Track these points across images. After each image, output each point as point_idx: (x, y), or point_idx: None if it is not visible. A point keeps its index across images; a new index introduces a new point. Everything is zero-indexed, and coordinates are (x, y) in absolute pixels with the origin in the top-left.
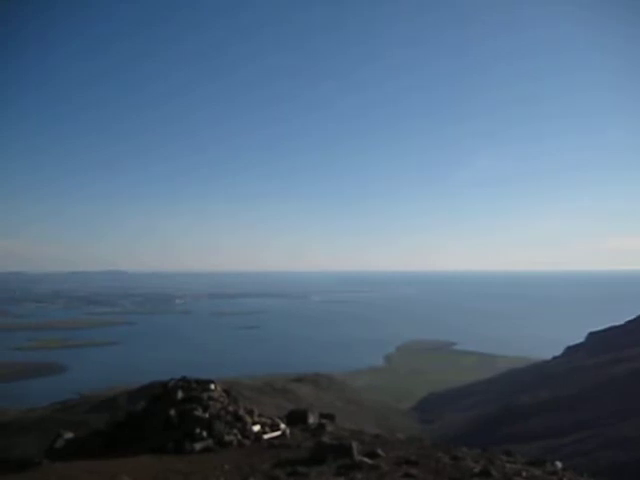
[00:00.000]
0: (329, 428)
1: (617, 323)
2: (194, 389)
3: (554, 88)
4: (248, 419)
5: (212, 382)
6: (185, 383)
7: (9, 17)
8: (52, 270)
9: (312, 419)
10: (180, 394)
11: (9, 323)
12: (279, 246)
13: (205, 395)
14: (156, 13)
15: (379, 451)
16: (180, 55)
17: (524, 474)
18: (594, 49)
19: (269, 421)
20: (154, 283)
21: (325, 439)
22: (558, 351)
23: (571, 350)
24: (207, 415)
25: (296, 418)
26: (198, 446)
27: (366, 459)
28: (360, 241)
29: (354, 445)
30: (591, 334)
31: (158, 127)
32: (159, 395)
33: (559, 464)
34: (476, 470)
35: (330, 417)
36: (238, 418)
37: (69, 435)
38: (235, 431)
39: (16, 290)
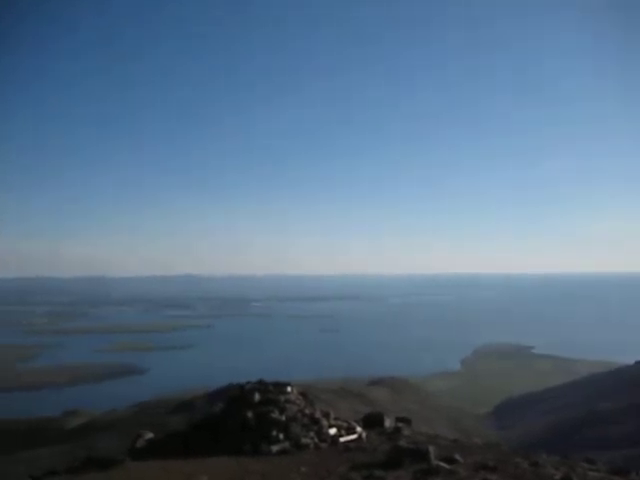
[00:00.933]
0: (405, 432)
1: None
2: (271, 392)
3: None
4: (324, 422)
5: (289, 385)
6: (262, 386)
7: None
8: (131, 275)
9: (388, 423)
10: (257, 397)
11: (90, 326)
12: (356, 249)
13: (282, 398)
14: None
15: (457, 456)
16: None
17: None
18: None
19: (345, 424)
20: (231, 286)
21: (402, 443)
22: None
23: None
24: (284, 418)
25: (372, 421)
26: (275, 448)
27: (443, 464)
28: (438, 244)
29: (431, 449)
30: None
31: (235, 133)
32: (236, 397)
33: None
34: (557, 477)
35: (406, 421)
36: (315, 421)
37: (149, 436)
38: (311, 434)
39: (96, 294)
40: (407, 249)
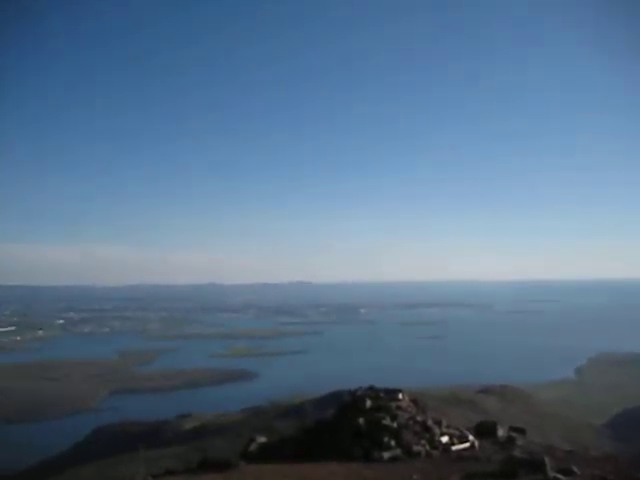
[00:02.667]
0: (519, 442)
1: None
2: (382, 398)
3: None
4: (436, 430)
5: (400, 391)
6: (373, 392)
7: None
8: (244, 282)
9: (501, 432)
10: (368, 403)
11: (204, 332)
12: (460, 256)
13: (393, 404)
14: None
15: (574, 468)
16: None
17: None
18: None
19: (457, 432)
20: (340, 294)
21: (516, 453)
22: None
23: None
24: (395, 424)
25: (485, 430)
26: (386, 455)
27: (560, 476)
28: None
29: (547, 460)
30: None
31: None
32: (348, 404)
33: None
34: None
35: (520, 430)
36: (426, 428)
37: (262, 439)
38: (423, 441)
39: (209, 301)
40: (504, 255)
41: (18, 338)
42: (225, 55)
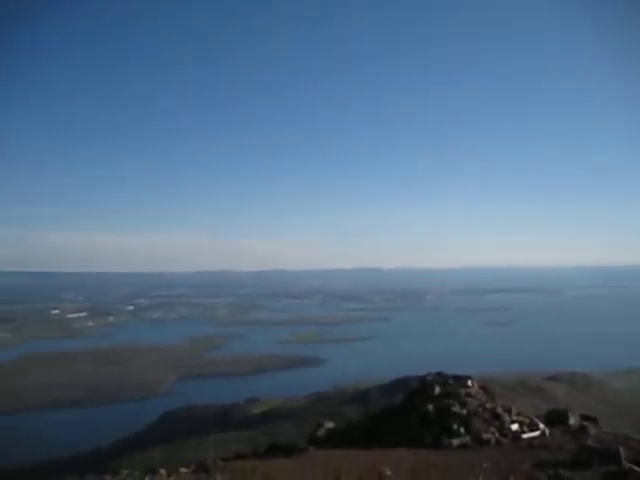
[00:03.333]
0: (592, 431)
1: None
2: (451, 385)
3: None
4: (506, 417)
5: (469, 378)
6: (442, 378)
7: None
8: (310, 268)
9: (573, 420)
10: (437, 389)
11: (271, 318)
12: (523, 241)
13: (462, 391)
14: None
15: None
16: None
17: None
18: None
19: (527, 420)
20: (406, 279)
21: (589, 442)
22: None
23: None
24: (464, 411)
25: (555, 418)
26: (455, 442)
27: (635, 467)
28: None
29: (621, 451)
30: None
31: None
32: (416, 390)
33: None
34: None
35: (592, 419)
36: (496, 416)
37: (330, 425)
38: (492, 429)
39: (276, 287)
40: (569, 239)
41: (90, 324)
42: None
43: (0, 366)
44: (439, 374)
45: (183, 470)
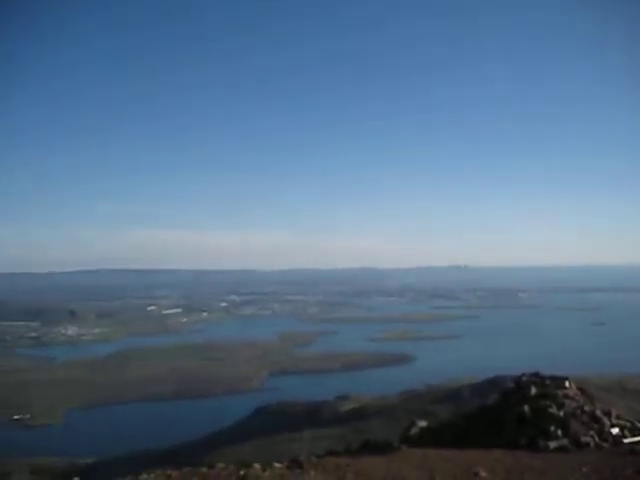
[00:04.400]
0: None
1: None
2: (548, 385)
3: None
4: (606, 420)
5: (566, 379)
6: (538, 379)
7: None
8: (399, 266)
9: None
10: (533, 390)
11: (361, 315)
12: (621, 239)
13: (560, 392)
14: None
15: None
16: None
17: None
18: None
19: (628, 424)
20: (498, 277)
21: None
22: None
23: None
24: (562, 413)
25: None
26: (553, 445)
27: None
28: None
29: None
30: None
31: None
32: (511, 390)
33: None
34: None
35: None
36: (595, 419)
37: (423, 424)
38: (592, 432)
39: (367, 284)
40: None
41: (184, 320)
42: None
43: (100, 360)
44: (535, 374)
45: (277, 465)
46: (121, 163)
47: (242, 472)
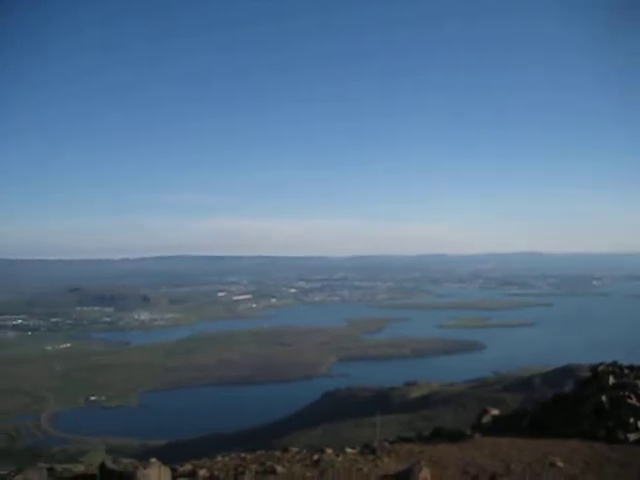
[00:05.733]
0: None
1: None
2: (626, 375)
3: None
4: None
5: None
6: (616, 368)
7: None
8: (469, 252)
9: None
10: (611, 380)
11: (431, 302)
12: None
13: (639, 383)
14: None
15: None
16: None
17: None
18: None
19: None
20: (571, 265)
21: None
22: None
23: None
24: None
25: None
26: (632, 436)
27: None
28: None
29: None
30: None
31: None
32: (588, 379)
33: None
34: None
35: None
36: None
37: (495, 412)
38: None
39: (438, 271)
40: None
41: (253, 306)
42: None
43: (172, 345)
44: (613, 363)
45: (349, 450)
46: (196, 156)
47: (315, 457)
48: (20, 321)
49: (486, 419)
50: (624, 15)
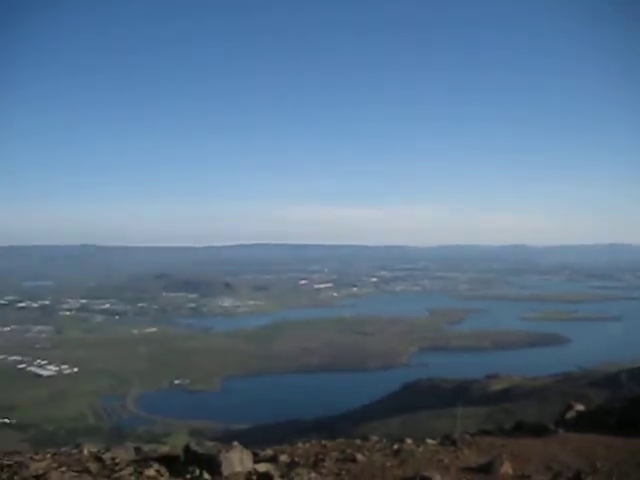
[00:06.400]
0: None
1: None
2: None
3: None
4: None
5: None
6: None
7: None
8: (554, 243)
9: None
10: None
11: (514, 294)
12: None
13: None
14: None
15: None
16: None
17: None
18: None
19: None
20: None
21: None
22: None
23: None
24: None
25: None
26: None
27: None
28: None
29: None
30: None
31: None
32: None
33: None
34: None
35: None
36: None
37: (580, 407)
38: None
39: (519, 262)
40: None
41: (335, 294)
42: None
43: (254, 331)
44: None
45: (430, 441)
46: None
47: (396, 446)
48: (108, 305)
49: (570, 414)
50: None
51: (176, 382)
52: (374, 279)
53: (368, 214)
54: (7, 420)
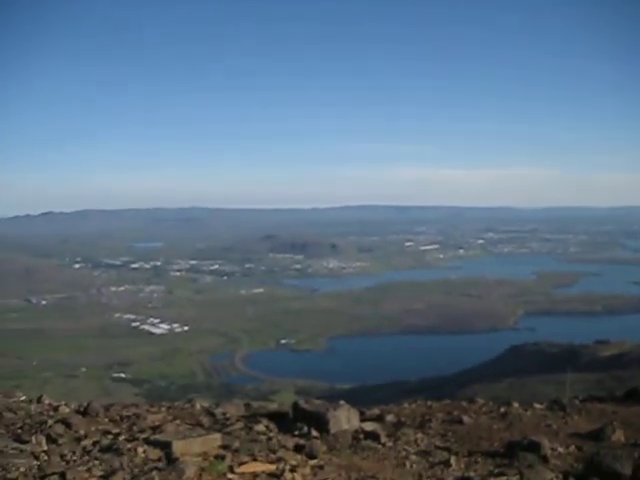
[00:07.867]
0: None
1: None
2: None
3: None
4: None
5: None
6: None
7: None
8: None
9: None
10: None
11: (627, 257)
12: None
13: None
14: None
15: None
16: None
17: None
18: None
19: None
20: None
21: None
22: None
23: None
24: None
25: None
26: None
27: None
28: None
29: None
30: None
31: None
32: None
33: None
34: None
35: None
36: None
37: None
38: None
39: (635, 224)
40: None
41: (441, 256)
42: None
43: (359, 293)
44: None
45: (537, 406)
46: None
47: (502, 409)
48: (217, 266)
49: None
50: None
51: (282, 341)
52: (481, 241)
53: (475, 175)
54: (123, 375)
